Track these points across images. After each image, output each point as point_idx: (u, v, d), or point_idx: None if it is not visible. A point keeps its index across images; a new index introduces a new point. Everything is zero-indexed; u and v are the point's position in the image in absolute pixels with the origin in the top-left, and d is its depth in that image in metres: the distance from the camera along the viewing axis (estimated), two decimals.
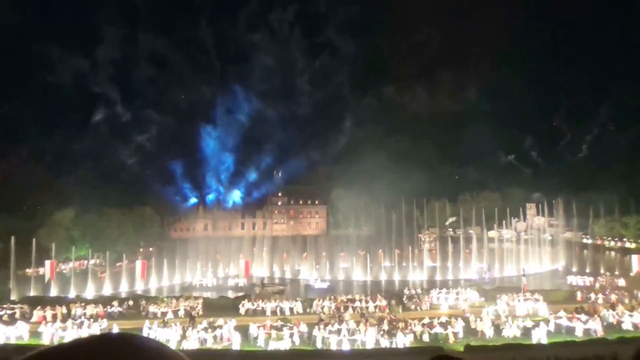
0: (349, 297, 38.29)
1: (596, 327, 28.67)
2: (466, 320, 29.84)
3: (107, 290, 49.41)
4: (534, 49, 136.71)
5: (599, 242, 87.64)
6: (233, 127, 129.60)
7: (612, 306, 33.30)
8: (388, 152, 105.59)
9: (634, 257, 57.49)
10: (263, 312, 34.56)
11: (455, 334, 28.47)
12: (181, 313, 34.63)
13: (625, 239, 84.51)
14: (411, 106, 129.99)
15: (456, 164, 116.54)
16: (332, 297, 38.00)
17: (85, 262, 65.96)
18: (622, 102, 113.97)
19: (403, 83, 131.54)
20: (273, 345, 26.65)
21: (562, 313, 30.46)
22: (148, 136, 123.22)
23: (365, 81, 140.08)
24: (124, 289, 50.42)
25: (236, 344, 26.92)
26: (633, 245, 78.72)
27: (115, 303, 36.11)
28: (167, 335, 27.97)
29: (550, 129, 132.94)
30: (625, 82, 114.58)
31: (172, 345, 26.41)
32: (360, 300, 36.67)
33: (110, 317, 33.15)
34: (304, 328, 28.54)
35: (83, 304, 35.57)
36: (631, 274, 53.76)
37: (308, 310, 35.52)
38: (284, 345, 26.77)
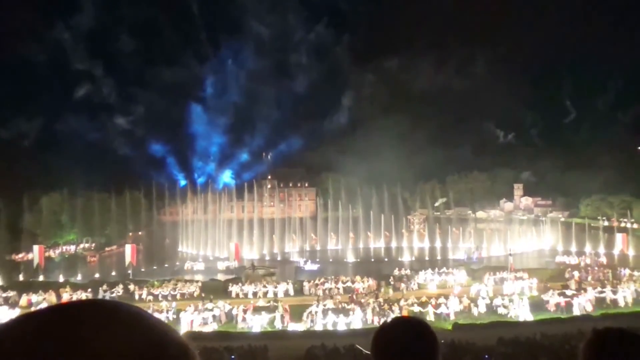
0: (339, 278, 38.57)
1: (581, 304, 29.30)
2: (455, 300, 30.32)
3: (97, 274, 49.24)
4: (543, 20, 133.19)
5: (584, 220, 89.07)
6: (223, 106, 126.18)
7: (597, 283, 34.02)
8: (380, 133, 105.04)
9: (618, 236, 58.65)
10: (254, 295, 34.72)
11: (444, 313, 28.92)
12: (178, 296, 34.77)
13: (610, 218, 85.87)
14: (409, 85, 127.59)
15: (452, 144, 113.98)
16: (324, 278, 38.26)
17: (74, 246, 65.66)
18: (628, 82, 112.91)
19: (400, 60, 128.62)
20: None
21: (550, 292, 31.05)
22: (134, 116, 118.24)
23: (363, 58, 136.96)
24: (113, 273, 50.29)
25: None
26: (617, 224, 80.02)
27: (105, 287, 36.11)
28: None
29: (553, 107, 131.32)
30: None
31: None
32: (350, 281, 36.99)
33: None
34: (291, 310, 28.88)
35: (72, 290, 35.46)
36: (615, 252, 54.90)
37: (299, 291, 35.82)
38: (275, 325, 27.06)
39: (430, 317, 28.33)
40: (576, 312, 28.73)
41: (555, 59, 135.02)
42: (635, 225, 78.51)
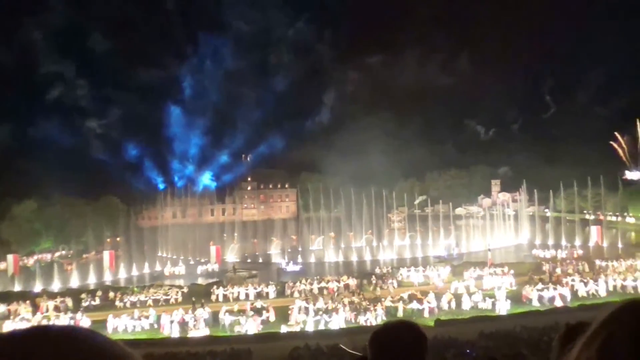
0: (321, 278, 38.64)
1: (558, 296, 29.98)
2: (437, 296, 30.72)
3: (75, 282, 48.27)
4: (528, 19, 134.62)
5: (560, 214, 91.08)
6: (202, 107, 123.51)
7: (573, 276, 34.81)
8: (360, 132, 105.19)
9: (593, 228, 60.17)
10: (236, 298, 34.52)
11: (426, 310, 29.24)
12: (159, 301, 34.30)
13: (584, 211, 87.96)
14: (390, 83, 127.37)
15: (433, 141, 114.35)
16: (306, 279, 38.27)
17: (50, 254, 64.27)
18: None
19: (382, 58, 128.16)
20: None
21: (527, 286, 31.68)
22: (110, 119, 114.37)
23: (344, 56, 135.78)
24: (92, 280, 49.36)
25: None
26: (591, 217, 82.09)
27: (84, 295, 35.43)
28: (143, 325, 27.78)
29: (534, 103, 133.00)
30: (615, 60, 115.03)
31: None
32: (332, 281, 37.07)
33: (84, 310, 32.46)
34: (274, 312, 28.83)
35: (49, 299, 34.67)
36: (591, 244, 56.29)
37: (281, 293, 35.74)
38: (255, 328, 26.96)
39: (412, 314, 28.64)
40: (554, 304, 29.40)
41: (536, 55, 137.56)
42: (609, 218, 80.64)
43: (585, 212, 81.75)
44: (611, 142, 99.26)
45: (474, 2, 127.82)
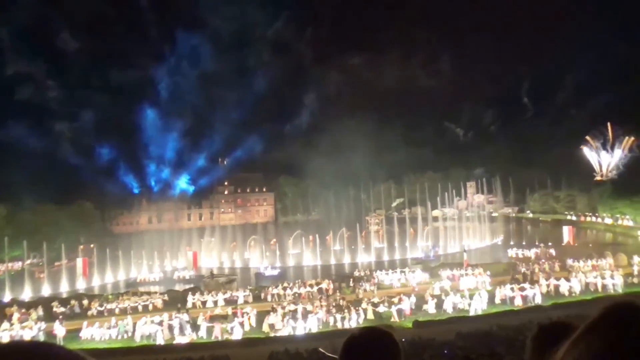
0: (299, 282, 38.55)
1: (533, 295, 30.58)
2: (417, 297, 30.98)
3: (47, 291, 46.97)
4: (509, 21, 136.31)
5: (534, 215, 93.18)
6: (178, 109, 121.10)
7: (547, 275, 35.58)
8: (338, 136, 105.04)
9: (565, 228, 61.60)
10: (213, 303, 34.13)
11: (404, 311, 29.42)
12: (137, 308, 33.64)
13: (560, 212, 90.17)
14: (370, 86, 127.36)
15: (412, 144, 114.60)
16: (284, 283, 38.14)
17: (21, 262, 62.38)
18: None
19: (362, 60, 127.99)
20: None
21: (506, 286, 32.20)
22: (82, 122, 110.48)
23: (324, 57, 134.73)
24: (64, 288, 48.12)
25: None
26: (563, 217, 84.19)
27: (56, 304, 34.50)
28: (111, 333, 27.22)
29: (512, 105, 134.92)
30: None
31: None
32: (311, 285, 37.03)
33: (53, 318, 31.59)
34: (248, 316, 28.62)
35: (20, 309, 33.64)
36: (562, 244, 57.63)
37: (259, 298, 35.52)
38: (237, 334, 26.69)
39: (390, 316, 28.78)
40: (528, 303, 29.98)
41: (514, 58, 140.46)
42: (580, 218, 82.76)
43: (566, 213, 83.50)
44: (581, 147, 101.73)
45: (455, 5, 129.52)
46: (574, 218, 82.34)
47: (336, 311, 28.90)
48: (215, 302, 34.10)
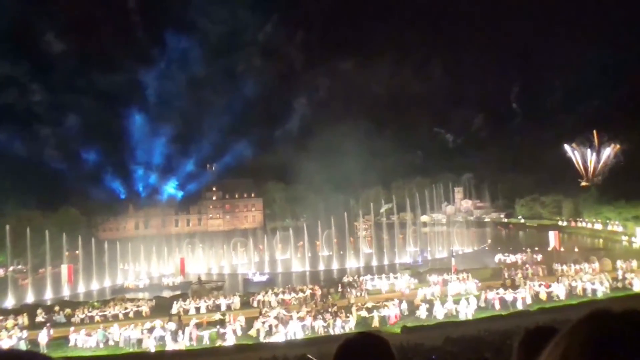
0: (288, 288, 38.39)
1: (514, 300, 30.81)
2: (408, 303, 31.00)
3: (30, 298, 46.17)
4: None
5: (521, 220, 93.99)
6: (166, 113, 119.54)
7: (531, 280, 35.86)
8: (327, 141, 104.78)
9: (551, 234, 62.10)
10: (199, 310, 33.80)
11: (391, 317, 29.41)
12: (120, 316, 33.16)
13: (543, 217, 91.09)
14: (360, 92, 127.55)
15: (401, 149, 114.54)
16: (273, 289, 37.94)
17: (4, 269, 61.35)
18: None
19: (352, 66, 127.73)
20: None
21: (492, 291, 32.33)
22: (68, 126, 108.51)
23: (314, 64, 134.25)
24: (48, 295, 47.36)
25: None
26: (550, 222, 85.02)
27: (39, 311, 33.90)
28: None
29: (501, 111, 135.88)
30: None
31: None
32: (301, 290, 36.87)
33: (36, 326, 31.04)
34: (240, 323, 28.39)
35: (2, 316, 32.99)
36: (548, 249, 58.16)
37: (248, 304, 35.27)
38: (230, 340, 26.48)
39: (376, 323, 28.73)
40: (516, 307, 30.17)
41: (504, 64, 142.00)
42: (565, 223, 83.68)
43: (555, 218, 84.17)
44: (567, 154, 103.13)
45: (446, 11, 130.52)
46: (561, 223, 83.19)
47: (324, 317, 28.79)
48: (199, 309, 33.77)
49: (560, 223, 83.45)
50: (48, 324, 30.27)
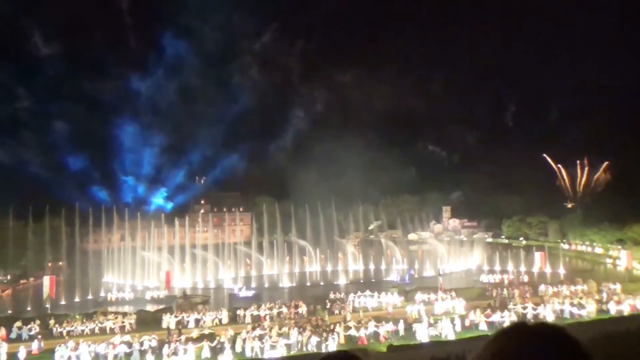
0: (273, 304, 38.03)
1: (502, 322, 30.79)
2: (392, 321, 30.84)
3: (10, 310, 45.13)
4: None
5: (506, 241, 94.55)
6: (156, 123, 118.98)
7: (519, 300, 35.96)
8: (317, 156, 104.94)
9: (537, 254, 62.60)
10: (185, 325, 33.34)
11: (379, 335, 29.25)
12: (105, 329, 32.57)
13: (529, 238, 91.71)
14: (353, 108, 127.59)
15: (393, 166, 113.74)
16: (258, 305, 37.56)
17: None
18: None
19: (348, 82, 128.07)
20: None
21: (477, 311, 32.35)
22: (53, 133, 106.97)
23: (309, 77, 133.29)
24: (29, 308, 46.36)
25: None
26: (535, 243, 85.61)
27: (19, 324, 33.11)
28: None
29: (493, 130, 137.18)
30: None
31: None
32: (285, 307, 36.56)
33: (15, 340, 30.31)
34: (226, 338, 28.00)
35: None
36: (535, 270, 58.53)
37: (234, 319, 34.86)
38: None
39: (365, 340, 28.56)
40: (494, 329, 30.08)
41: (498, 86, 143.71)
42: (551, 244, 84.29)
43: (540, 240, 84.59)
44: (556, 174, 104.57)
45: (445, 29, 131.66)
46: (546, 244, 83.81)
47: (310, 334, 28.54)
48: (188, 323, 33.34)
49: (546, 244, 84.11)
50: (39, 336, 29.66)
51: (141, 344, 27.16)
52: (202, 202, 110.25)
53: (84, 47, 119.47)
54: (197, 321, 33.91)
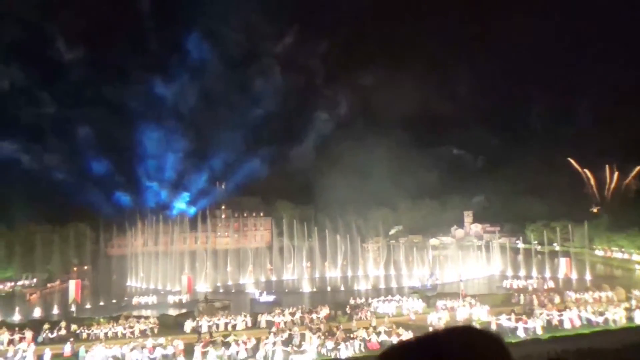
0: (295, 309, 37.98)
1: (531, 328, 30.14)
2: (414, 328, 30.44)
3: (38, 313, 46.15)
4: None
5: (530, 246, 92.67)
6: (178, 129, 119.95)
7: (544, 307, 35.15)
8: (339, 161, 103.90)
9: (562, 260, 61.27)
10: (208, 329, 33.53)
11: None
12: (126, 333, 33.00)
13: (554, 243, 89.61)
14: (374, 112, 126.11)
15: (415, 170, 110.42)
16: (279, 310, 37.57)
17: (12, 283, 61.63)
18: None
19: (369, 85, 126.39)
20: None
21: (502, 316, 31.71)
22: (78, 140, 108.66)
23: (332, 81, 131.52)
24: (56, 311, 47.34)
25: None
26: (561, 248, 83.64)
27: (46, 326, 33.82)
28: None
29: (519, 133, 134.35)
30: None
31: None
32: (307, 312, 36.48)
33: (41, 343, 30.95)
34: (250, 343, 28.06)
35: (9, 331, 32.97)
36: (560, 276, 57.25)
37: (254, 324, 34.93)
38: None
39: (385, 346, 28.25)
40: (525, 335, 29.51)
41: (523, 89, 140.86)
42: (577, 249, 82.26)
43: (569, 245, 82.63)
44: (579, 181, 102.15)
45: (469, 31, 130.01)
46: (572, 249, 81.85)
47: (331, 340, 28.40)
48: (210, 328, 33.53)
49: (571, 249, 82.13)
50: (71, 339, 30.25)
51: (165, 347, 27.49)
52: (223, 207, 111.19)
53: (106, 52, 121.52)
54: (226, 325, 34.06)
